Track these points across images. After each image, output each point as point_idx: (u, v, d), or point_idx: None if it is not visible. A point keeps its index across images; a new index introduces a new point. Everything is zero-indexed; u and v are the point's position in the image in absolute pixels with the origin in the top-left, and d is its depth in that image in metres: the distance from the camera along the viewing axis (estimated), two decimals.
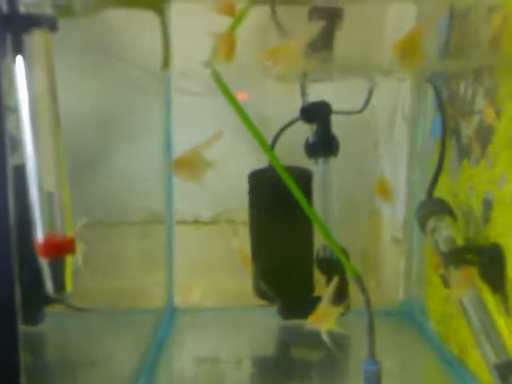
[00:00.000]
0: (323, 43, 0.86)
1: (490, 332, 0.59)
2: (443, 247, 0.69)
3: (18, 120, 0.45)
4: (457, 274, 0.59)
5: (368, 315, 0.69)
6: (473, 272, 0.59)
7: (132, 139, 0.98)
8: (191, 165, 0.60)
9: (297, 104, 0.94)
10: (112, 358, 0.80)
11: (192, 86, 1.00)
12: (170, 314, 1.01)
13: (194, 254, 1.09)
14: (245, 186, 0.95)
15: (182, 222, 1.12)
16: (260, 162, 0.95)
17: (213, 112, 1.08)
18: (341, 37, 0.86)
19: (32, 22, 0.44)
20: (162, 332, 0.94)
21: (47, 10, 0.44)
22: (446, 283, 0.68)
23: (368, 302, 0.70)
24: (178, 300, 1.05)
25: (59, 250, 0.47)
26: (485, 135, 0.69)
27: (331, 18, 0.87)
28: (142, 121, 0.98)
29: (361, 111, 0.98)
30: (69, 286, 0.50)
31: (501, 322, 0.60)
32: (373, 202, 1.14)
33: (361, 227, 1.14)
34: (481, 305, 0.61)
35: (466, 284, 0.58)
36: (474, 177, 0.72)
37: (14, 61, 0.45)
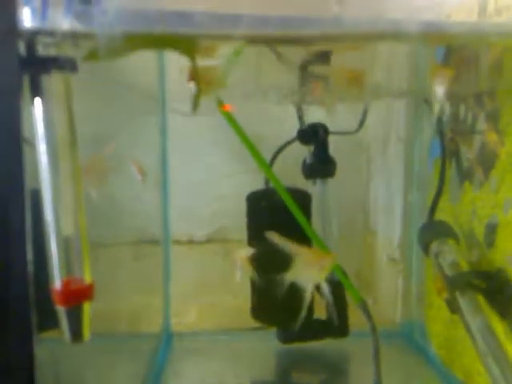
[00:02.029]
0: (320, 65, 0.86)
1: (500, 359, 0.59)
2: (448, 272, 0.68)
3: (36, 162, 0.44)
4: None
5: (374, 341, 0.68)
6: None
7: (126, 159, 0.97)
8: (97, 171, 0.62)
9: (291, 124, 0.94)
10: None
11: (187, 107, 1.00)
12: (166, 339, 0.99)
13: (188, 274, 1.08)
14: (239, 205, 0.94)
15: (176, 242, 1.10)
16: (254, 181, 0.95)
17: (208, 133, 1.08)
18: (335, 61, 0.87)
19: (51, 63, 0.42)
20: (160, 359, 0.92)
21: (67, 51, 0.43)
22: (451, 308, 0.67)
23: (374, 328, 0.69)
24: (172, 322, 1.03)
25: (77, 297, 0.46)
26: (487, 159, 0.69)
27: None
28: (136, 141, 0.96)
29: (356, 131, 0.98)
30: (87, 333, 0.48)
31: (510, 348, 0.59)
32: (368, 222, 1.14)
33: (355, 247, 1.14)
34: (489, 331, 0.61)
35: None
36: (477, 200, 0.72)
37: (32, 103, 0.43)
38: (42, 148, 0.43)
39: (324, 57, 0.81)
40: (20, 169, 0.37)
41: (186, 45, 0.43)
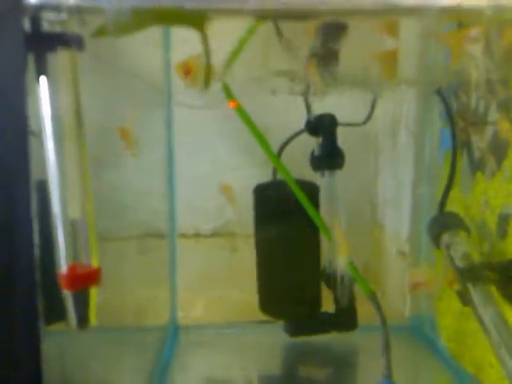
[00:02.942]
0: (329, 55, 0.85)
1: None
2: (460, 264, 0.67)
3: (41, 143, 0.43)
4: None
5: (384, 334, 0.67)
6: None
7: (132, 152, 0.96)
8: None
9: (297, 115, 0.93)
10: (114, 382, 0.77)
11: (193, 100, 0.99)
12: (173, 333, 0.98)
13: (194, 267, 1.07)
14: (246, 198, 0.93)
15: (182, 236, 1.10)
16: (261, 174, 0.94)
17: (214, 125, 1.07)
18: (345, 49, 0.85)
19: (56, 40, 0.41)
20: (167, 352, 0.91)
21: (73, 28, 0.42)
22: (463, 300, 0.66)
23: (384, 321, 0.68)
24: (179, 315, 1.03)
25: (84, 282, 0.45)
26: (500, 148, 0.68)
27: (336, 29, 0.86)
28: (142, 133, 0.96)
29: (364, 123, 0.96)
30: (93, 319, 0.47)
31: None
32: (376, 214, 1.13)
33: (363, 239, 1.13)
34: (502, 322, 0.60)
35: None
36: (489, 190, 0.71)
37: (37, 81, 0.42)
38: (47, 129, 0.42)
39: (332, 46, 0.80)
40: (25, 151, 0.36)
41: (196, 20, 0.42)
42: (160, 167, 1.01)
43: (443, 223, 0.75)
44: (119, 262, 0.92)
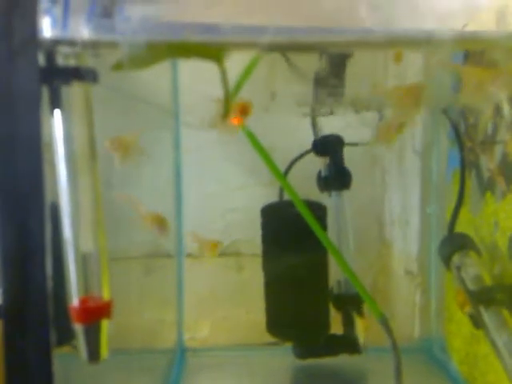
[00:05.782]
0: (335, 76, 0.85)
1: None
2: (471, 286, 0.66)
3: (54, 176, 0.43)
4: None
5: (395, 358, 0.66)
6: None
7: (139, 171, 0.96)
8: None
9: (302, 136, 0.93)
10: None
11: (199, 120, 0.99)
12: (180, 355, 0.97)
13: (200, 288, 1.06)
14: (252, 218, 0.93)
15: (188, 256, 1.09)
16: (267, 194, 0.94)
17: (219, 145, 1.07)
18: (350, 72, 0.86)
19: (71, 74, 0.41)
20: (174, 375, 0.90)
21: (87, 61, 0.42)
22: (475, 323, 0.65)
23: (395, 345, 0.67)
24: (185, 337, 1.01)
25: (95, 315, 0.44)
26: (510, 170, 0.68)
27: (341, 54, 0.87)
28: (149, 153, 0.96)
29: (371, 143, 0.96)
30: (104, 352, 0.47)
31: None
32: (384, 234, 1.12)
33: (371, 259, 1.12)
34: None
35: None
36: (500, 212, 0.71)
37: (52, 114, 0.42)
38: (60, 160, 0.43)
39: (338, 69, 0.80)
40: (39, 183, 0.36)
41: (215, 52, 0.42)
42: (167, 187, 1.01)
43: (454, 244, 0.74)
44: (125, 282, 0.92)
